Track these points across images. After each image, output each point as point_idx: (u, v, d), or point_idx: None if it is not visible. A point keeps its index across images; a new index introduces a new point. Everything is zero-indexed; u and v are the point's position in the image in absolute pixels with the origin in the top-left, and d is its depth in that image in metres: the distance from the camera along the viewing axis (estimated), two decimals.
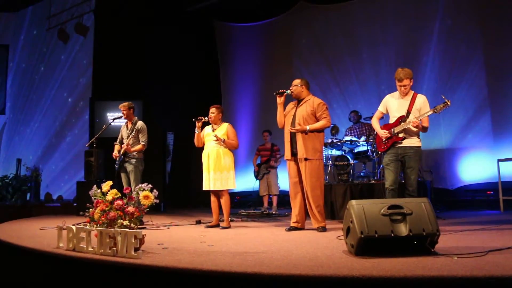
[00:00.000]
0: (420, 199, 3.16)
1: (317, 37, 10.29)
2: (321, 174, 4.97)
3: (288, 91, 4.98)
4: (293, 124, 4.92)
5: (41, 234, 4.70)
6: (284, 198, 9.55)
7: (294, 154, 4.92)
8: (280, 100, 5.00)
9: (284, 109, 5.14)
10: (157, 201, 3.48)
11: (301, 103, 4.99)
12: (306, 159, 4.80)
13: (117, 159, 6.21)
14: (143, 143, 6.19)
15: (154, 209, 3.68)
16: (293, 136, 4.92)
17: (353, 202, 3.12)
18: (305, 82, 5.07)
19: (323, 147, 5.39)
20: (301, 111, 4.91)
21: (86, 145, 8.15)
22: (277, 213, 7.70)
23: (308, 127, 4.81)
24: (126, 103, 6.34)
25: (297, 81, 5.05)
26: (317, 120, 4.89)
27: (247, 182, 9.37)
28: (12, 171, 11.12)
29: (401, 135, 4.66)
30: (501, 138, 8.08)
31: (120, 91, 9.56)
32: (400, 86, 4.64)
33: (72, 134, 11.38)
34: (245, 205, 9.46)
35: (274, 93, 5.02)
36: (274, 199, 8.12)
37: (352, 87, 9.77)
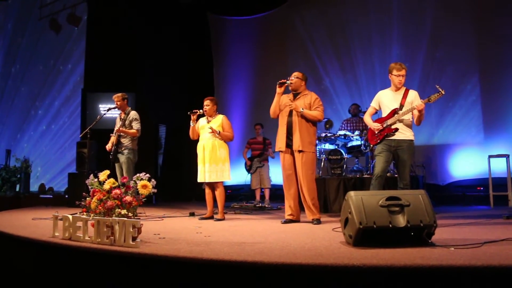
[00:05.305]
0: (417, 191, 3.18)
1: (312, 31, 10.30)
2: (315, 167, 5.10)
3: (288, 82, 4.97)
4: (290, 116, 4.94)
5: (34, 224, 4.65)
6: (275, 192, 9.56)
7: (288, 146, 4.95)
8: (280, 90, 4.99)
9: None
10: (155, 190, 3.46)
11: (299, 97, 5.01)
12: (301, 151, 4.85)
13: (110, 151, 6.20)
14: (136, 129, 6.21)
15: (146, 202, 3.65)
16: (289, 128, 4.94)
17: (352, 193, 3.13)
18: (305, 77, 5.10)
19: (317, 141, 5.46)
20: (299, 104, 4.93)
21: (80, 136, 8.07)
22: (270, 206, 7.72)
23: (302, 109, 4.86)
24: (119, 94, 6.34)
25: (298, 74, 5.05)
26: None
27: (239, 175, 9.37)
28: (1, 162, 10.99)
29: (393, 126, 4.69)
30: (491, 135, 8.19)
31: (112, 82, 9.49)
32: (398, 75, 4.67)
33: (63, 126, 11.28)
34: (237, 199, 9.46)
35: (278, 82, 4.95)
36: (267, 192, 8.13)
37: (345, 82, 9.80)
